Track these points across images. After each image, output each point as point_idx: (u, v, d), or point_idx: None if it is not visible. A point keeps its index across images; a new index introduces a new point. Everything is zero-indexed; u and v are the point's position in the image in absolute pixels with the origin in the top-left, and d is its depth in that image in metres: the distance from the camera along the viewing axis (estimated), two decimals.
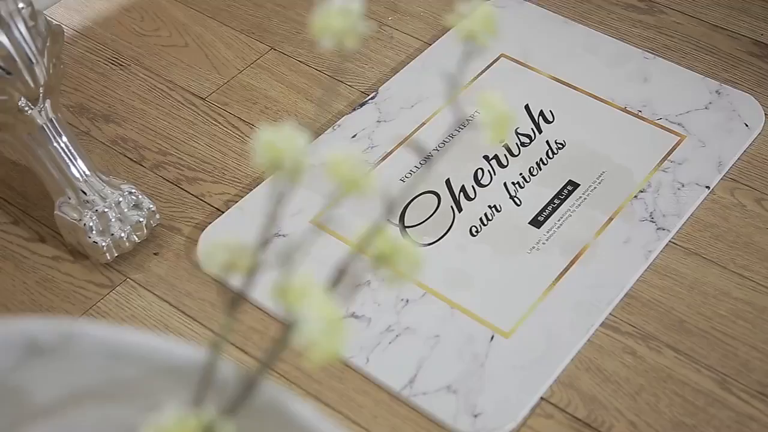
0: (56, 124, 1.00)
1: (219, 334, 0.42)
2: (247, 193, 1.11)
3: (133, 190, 1.02)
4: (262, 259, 0.43)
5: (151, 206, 1.03)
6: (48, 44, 0.94)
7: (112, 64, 1.28)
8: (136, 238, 1.02)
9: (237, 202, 1.10)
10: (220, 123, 1.21)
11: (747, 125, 1.18)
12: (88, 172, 1.01)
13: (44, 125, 0.98)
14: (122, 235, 1.00)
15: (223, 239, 0.44)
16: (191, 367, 0.42)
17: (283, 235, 1.06)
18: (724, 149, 1.15)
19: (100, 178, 1.02)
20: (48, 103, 0.98)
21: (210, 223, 1.08)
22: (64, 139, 1.00)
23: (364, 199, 0.42)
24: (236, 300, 0.45)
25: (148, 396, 0.40)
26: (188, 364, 0.44)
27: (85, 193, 1.00)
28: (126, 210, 1.01)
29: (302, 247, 0.43)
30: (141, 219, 1.02)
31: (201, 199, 1.12)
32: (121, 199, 1.01)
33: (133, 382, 0.42)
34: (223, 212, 1.09)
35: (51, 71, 0.95)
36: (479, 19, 0.45)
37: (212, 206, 1.11)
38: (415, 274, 0.43)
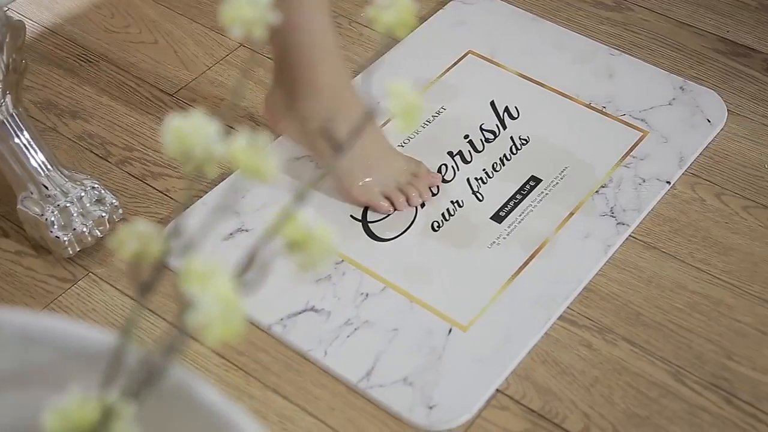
0: (17, 120, 1.00)
1: (128, 321, 0.43)
2: (213, 188, 1.12)
3: (96, 185, 1.03)
4: (169, 248, 0.44)
5: (114, 201, 1.04)
6: (7, 40, 0.95)
7: (81, 60, 1.29)
8: (99, 233, 1.03)
9: (202, 197, 1.11)
10: None
11: (709, 121, 1.19)
12: (50, 167, 1.02)
13: (5, 120, 0.99)
14: (84, 229, 1.01)
15: (134, 228, 0.45)
16: (103, 352, 0.43)
17: (246, 230, 1.07)
18: (686, 145, 1.16)
19: (62, 173, 1.02)
20: (9, 99, 0.98)
21: (173, 218, 1.09)
22: (26, 134, 1.01)
23: (270, 185, 0.42)
24: (146, 287, 0.45)
25: (62, 380, 0.41)
26: (100, 349, 0.44)
27: (47, 188, 1.01)
28: (88, 205, 1.02)
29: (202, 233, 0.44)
30: (103, 214, 1.02)
31: (166, 195, 1.12)
32: (83, 194, 1.02)
33: (48, 367, 0.42)
34: (187, 207, 1.10)
35: (10, 67, 0.96)
36: (397, 12, 0.46)
37: (177, 201, 1.11)
38: (327, 260, 0.43)
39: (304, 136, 1.08)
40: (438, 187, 1.11)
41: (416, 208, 1.09)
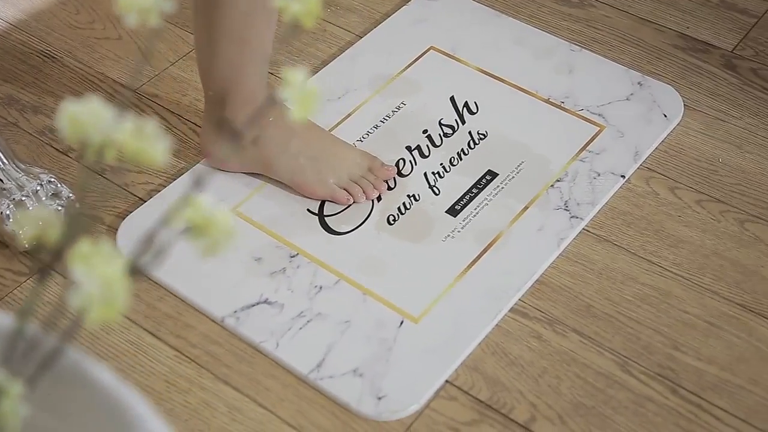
0: None
1: (26, 302, 0.44)
2: (171, 182, 1.13)
3: (53, 179, 1.04)
4: (69, 234, 0.44)
5: (71, 195, 1.04)
6: None
7: (45, 56, 1.29)
8: None
9: (160, 191, 1.12)
10: (149, 114, 1.22)
11: (666, 116, 1.20)
12: (5, 161, 1.02)
13: None
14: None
15: (35, 212, 0.46)
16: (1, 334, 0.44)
17: None
18: (642, 139, 1.17)
19: (18, 167, 1.03)
20: None
21: (131, 212, 1.09)
22: None
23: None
24: (45, 271, 0.46)
25: None
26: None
27: (2, 182, 1.01)
28: (44, 199, 1.02)
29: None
30: (60, 208, 1.03)
31: (125, 189, 1.13)
32: (39, 188, 1.02)
33: None
34: (145, 201, 1.11)
35: None
36: (304, 2, 0.47)
37: (136, 196, 1.12)
38: (228, 244, 0.44)
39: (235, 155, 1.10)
40: (395, 180, 1.12)
41: (372, 201, 1.10)
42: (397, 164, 1.14)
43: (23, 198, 1.01)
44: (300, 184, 1.08)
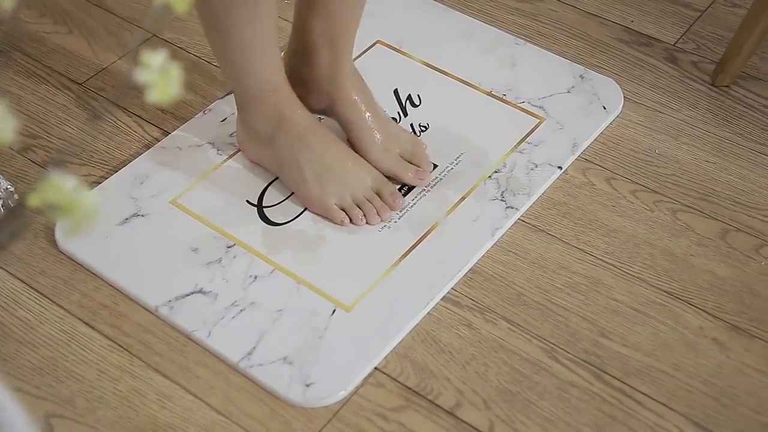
0: None
1: None
2: (112, 174, 1.14)
3: None
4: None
5: (9, 187, 1.05)
6: None
7: None
8: None
9: (100, 183, 1.13)
10: (94, 108, 1.23)
11: (605, 108, 1.21)
12: None
13: None
14: None
15: None
16: None
17: (142, 215, 1.09)
18: (581, 131, 1.19)
19: None
20: None
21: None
22: None
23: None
24: None
25: None
26: None
27: None
28: None
29: None
30: None
31: None
32: None
33: None
34: None
35: None
36: None
37: None
38: (93, 224, 0.45)
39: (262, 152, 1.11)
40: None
41: None
42: None
43: None
44: (301, 196, 1.09)
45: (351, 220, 1.07)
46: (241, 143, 1.14)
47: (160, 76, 0.44)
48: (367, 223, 1.07)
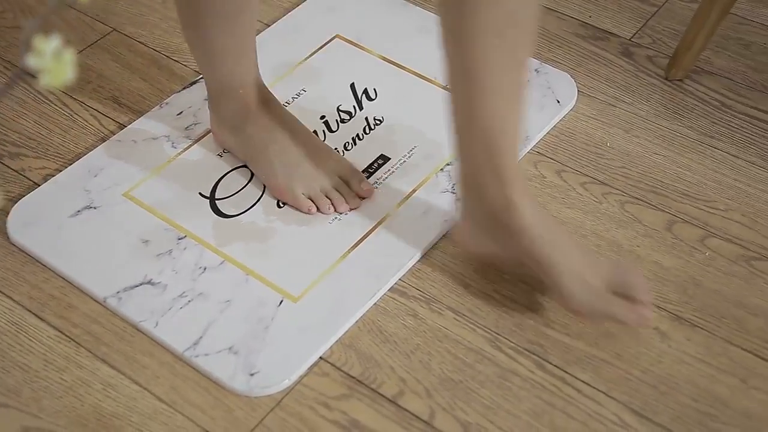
0: None
1: None
2: (67, 167, 1.14)
3: None
4: None
5: None
6: None
7: None
8: None
9: (55, 176, 1.13)
10: (50, 101, 1.23)
11: (559, 102, 1.22)
12: None
13: None
14: None
15: None
16: None
17: (94, 208, 1.09)
18: (533, 124, 1.19)
19: None
20: None
21: (24, 195, 1.11)
22: None
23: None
24: None
25: None
26: None
27: None
28: None
29: None
30: None
31: (21, 174, 1.15)
32: None
33: None
34: (39, 186, 1.12)
35: None
36: None
37: (31, 180, 1.14)
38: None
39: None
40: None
41: (263, 186, 1.12)
42: None
43: None
44: (270, 187, 1.10)
45: (318, 209, 1.08)
46: (213, 131, 1.15)
47: (53, 62, 0.45)
48: (335, 211, 1.08)
